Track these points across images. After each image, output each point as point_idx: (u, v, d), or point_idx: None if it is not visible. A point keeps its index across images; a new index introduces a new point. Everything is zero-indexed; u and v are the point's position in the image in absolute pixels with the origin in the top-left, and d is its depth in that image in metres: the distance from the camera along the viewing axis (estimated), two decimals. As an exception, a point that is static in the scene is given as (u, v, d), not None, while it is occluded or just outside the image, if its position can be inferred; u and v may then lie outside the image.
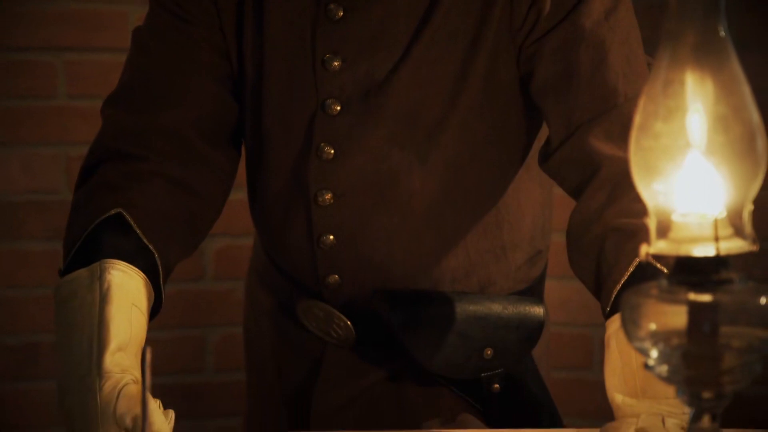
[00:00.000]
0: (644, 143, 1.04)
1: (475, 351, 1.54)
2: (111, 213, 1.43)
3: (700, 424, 1.06)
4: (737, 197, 1.03)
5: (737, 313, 1.03)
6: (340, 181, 1.52)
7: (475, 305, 1.54)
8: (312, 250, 1.55)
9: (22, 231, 2.94)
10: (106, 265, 1.37)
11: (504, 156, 1.56)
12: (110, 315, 1.32)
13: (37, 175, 2.93)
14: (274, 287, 1.64)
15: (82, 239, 1.41)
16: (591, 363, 2.95)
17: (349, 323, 1.56)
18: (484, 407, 1.58)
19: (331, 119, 1.50)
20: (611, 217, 1.40)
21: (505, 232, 1.58)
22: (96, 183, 1.48)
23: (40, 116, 2.93)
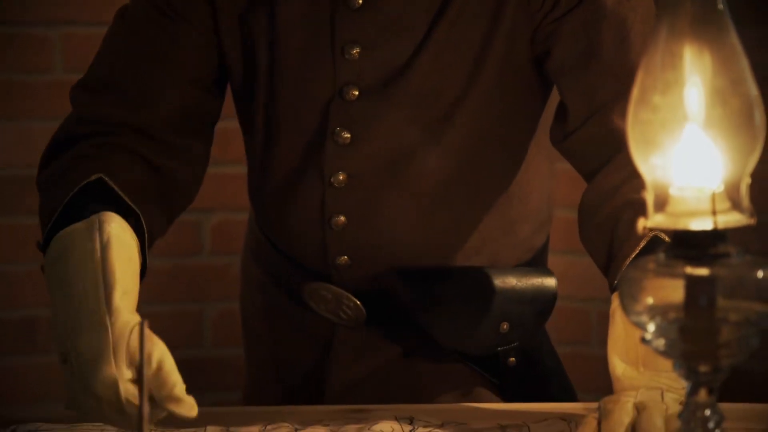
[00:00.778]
0: (642, 116, 1.04)
1: (492, 326, 1.55)
2: (92, 179, 1.42)
3: (696, 398, 1.06)
4: (735, 171, 1.03)
5: (734, 286, 1.03)
6: (356, 163, 1.52)
7: (491, 279, 1.55)
8: (322, 231, 1.55)
9: (19, 206, 2.94)
10: (105, 218, 1.35)
11: (516, 134, 1.56)
12: (113, 260, 1.30)
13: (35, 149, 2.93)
14: (276, 273, 1.63)
15: (63, 205, 1.40)
16: (589, 337, 2.95)
17: (359, 303, 1.57)
18: (499, 381, 1.58)
19: (349, 104, 1.50)
20: (628, 192, 1.40)
21: (514, 207, 1.58)
22: (71, 156, 1.47)
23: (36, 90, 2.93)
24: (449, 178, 1.53)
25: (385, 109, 1.51)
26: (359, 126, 1.51)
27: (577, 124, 1.49)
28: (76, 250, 1.33)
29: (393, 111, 1.51)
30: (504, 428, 1.35)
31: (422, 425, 1.36)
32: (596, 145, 1.48)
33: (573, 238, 2.15)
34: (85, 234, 1.34)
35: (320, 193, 1.54)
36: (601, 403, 1.30)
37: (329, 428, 1.35)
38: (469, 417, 1.39)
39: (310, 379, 1.61)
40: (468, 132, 1.52)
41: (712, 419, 1.06)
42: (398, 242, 1.55)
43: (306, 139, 1.54)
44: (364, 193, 1.53)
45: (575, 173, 1.70)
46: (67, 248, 1.34)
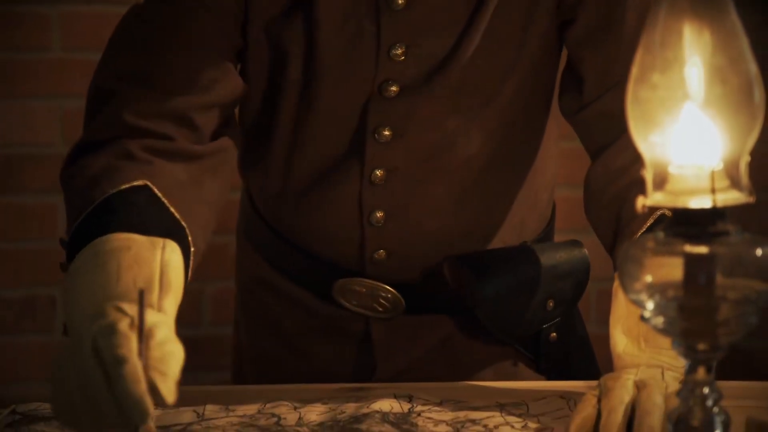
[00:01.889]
0: (641, 95, 1.04)
1: (540, 305, 1.55)
2: (137, 184, 1.35)
3: (695, 376, 1.06)
4: (734, 149, 1.03)
5: (733, 264, 1.03)
6: (395, 159, 1.51)
7: (537, 259, 1.54)
8: (361, 229, 1.54)
9: (18, 184, 2.94)
10: (169, 243, 1.27)
11: (542, 109, 1.56)
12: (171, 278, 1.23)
13: (33, 128, 2.93)
14: (299, 274, 1.60)
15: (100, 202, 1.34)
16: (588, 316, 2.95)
17: (396, 293, 1.56)
18: (536, 357, 1.59)
19: (389, 102, 1.49)
20: (636, 172, 1.40)
21: (538, 178, 1.59)
22: (116, 152, 1.40)
23: (34, 69, 2.92)
24: (486, 162, 1.53)
25: (426, 103, 1.49)
26: (400, 122, 1.50)
27: (593, 97, 1.49)
28: (132, 252, 1.25)
29: (434, 104, 1.50)
30: (503, 406, 1.35)
31: (421, 403, 1.36)
32: (609, 119, 1.47)
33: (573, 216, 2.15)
34: (147, 245, 1.26)
35: (357, 191, 1.53)
36: (601, 381, 1.31)
37: (328, 406, 1.36)
38: (468, 395, 1.39)
39: (352, 375, 1.59)
40: (506, 114, 1.52)
41: (711, 397, 1.06)
42: (436, 230, 1.55)
43: (343, 140, 1.52)
44: (403, 186, 1.52)
45: (577, 151, 1.70)
46: (120, 250, 1.25)
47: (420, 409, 1.34)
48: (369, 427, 1.27)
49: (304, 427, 1.30)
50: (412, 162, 1.52)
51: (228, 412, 1.33)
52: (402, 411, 1.34)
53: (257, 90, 1.53)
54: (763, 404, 1.34)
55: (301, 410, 1.35)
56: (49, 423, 1.32)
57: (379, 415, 1.31)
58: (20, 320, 2.96)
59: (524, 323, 1.56)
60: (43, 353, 2.97)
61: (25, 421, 1.33)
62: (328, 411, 1.34)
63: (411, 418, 1.31)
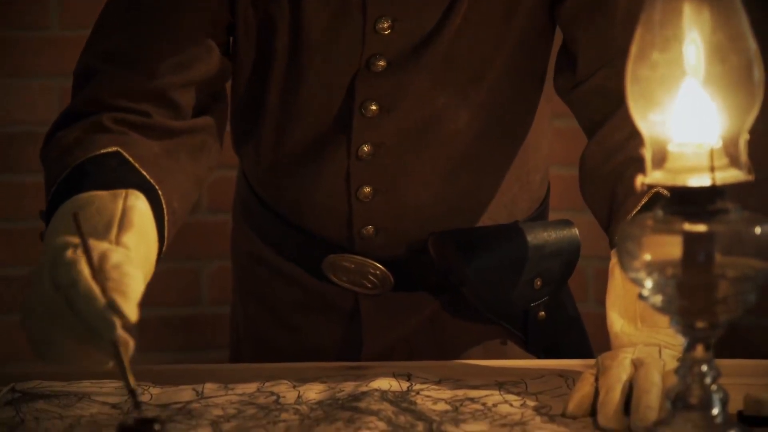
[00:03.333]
0: (641, 73, 1.04)
1: (528, 283, 1.56)
2: (110, 149, 1.38)
3: (693, 354, 1.06)
4: (733, 127, 1.03)
5: (732, 243, 1.03)
6: (383, 134, 1.51)
7: (524, 237, 1.54)
8: (348, 204, 1.54)
9: (17, 163, 2.94)
10: (132, 192, 1.30)
11: (533, 85, 1.56)
12: (133, 220, 1.26)
13: (31, 107, 2.93)
14: (289, 249, 1.61)
15: (72, 169, 1.36)
16: (585, 296, 2.96)
17: (385, 270, 1.56)
18: (525, 335, 1.59)
19: (376, 76, 1.49)
20: (633, 148, 1.40)
21: (530, 158, 1.58)
22: (88, 125, 1.43)
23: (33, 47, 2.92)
24: (475, 138, 1.53)
25: (413, 77, 1.49)
26: (387, 97, 1.50)
27: (586, 75, 1.49)
28: (94, 206, 1.28)
29: (422, 78, 1.50)
30: (501, 385, 1.35)
31: (420, 382, 1.36)
32: (604, 96, 1.47)
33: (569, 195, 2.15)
34: (107, 198, 1.29)
35: (345, 166, 1.53)
36: (598, 360, 1.31)
37: (327, 385, 1.36)
38: (466, 374, 1.40)
39: (340, 351, 1.60)
40: (494, 90, 1.51)
41: (709, 375, 1.07)
42: (424, 206, 1.55)
43: (330, 114, 1.52)
44: (390, 161, 1.52)
45: (572, 131, 1.70)
46: (83, 207, 1.28)
47: (419, 387, 1.35)
48: (368, 406, 1.27)
49: (302, 405, 1.30)
50: (400, 138, 1.52)
51: (227, 391, 1.33)
52: (401, 389, 1.34)
53: (247, 65, 1.53)
54: (761, 382, 1.34)
55: (300, 389, 1.35)
56: (49, 401, 1.32)
57: (378, 393, 1.32)
58: (20, 298, 2.96)
59: (511, 302, 1.56)
60: (42, 332, 2.97)
61: (24, 399, 1.33)
62: (327, 389, 1.34)
63: (410, 397, 1.32)
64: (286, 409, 1.29)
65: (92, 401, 1.33)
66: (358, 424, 1.22)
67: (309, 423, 1.25)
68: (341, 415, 1.26)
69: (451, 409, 1.29)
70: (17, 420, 1.28)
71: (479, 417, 1.26)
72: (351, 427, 1.22)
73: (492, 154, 1.56)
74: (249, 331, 1.69)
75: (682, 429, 1.06)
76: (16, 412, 1.30)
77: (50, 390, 1.35)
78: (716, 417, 1.06)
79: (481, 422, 1.24)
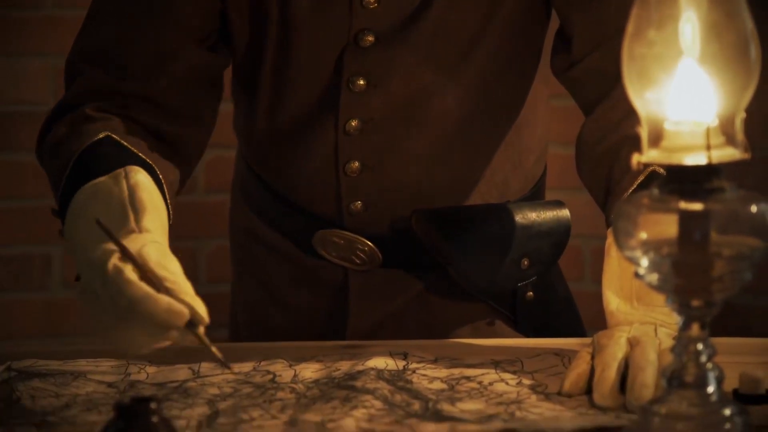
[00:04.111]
0: (637, 51, 1.04)
1: (514, 263, 1.56)
2: (100, 136, 1.41)
3: (689, 332, 1.06)
4: (730, 105, 1.03)
5: (728, 221, 1.03)
6: (370, 109, 1.51)
7: (512, 216, 1.55)
8: (336, 178, 1.54)
9: (11, 142, 2.94)
10: (130, 169, 1.34)
11: (526, 66, 1.56)
12: (143, 196, 1.30)
13: (25, 86, 2.92)
14: (282, 223, 1.62)
15: (73, 164, 1.39)
16: (582, 274, 2.96)
17: (373, 246, 1.56)
18: (514, 315, 1.59)
19: (364, 51, 1.49)
20: (629, 127, 1.40)
21: (524, 138, 1.58)
22: (73, 119, 1.45)
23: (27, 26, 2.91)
24: (464, 117, 1.53)
25: (401, 54, 1.50)
26: (375, 72, 1.50)
27: (582, 54, 1.49)
28: (100, 195, 1.32)
29: (410, 54, 1.50)
30: (497, 363, 1.35)
31: (416, 361, 1.36)
32: (600, 76, 1.47)
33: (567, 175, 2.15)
34: (110, 182, 1.33)
35: (333, 141, 1.53)
36: (594, 338, 1.31)
37: (323, 364, 1.36)
38: (463, 353, 1.40)
39: (327, 326, 1.60)
40: (484, 69, 1.51)
41: (704, 353, 1.07)
42: (413, 184, 1.55)
43: (319, 89, 1.52)
44: (379, 137, 1.53)
45: (570, 110, 1.70)
46: (89, 198, 1.33)
47: (415, 366, 1.35)
48: (364, 384, 1.28)
49: (299, 384, 1.30)
50: (388, 113, 1.52)
51: (223, 370, 1.33)
52: (397, 368, 1.34)
53: (242, 43, 1.54)
54: (756, 360, 1.34)
55: (296, 367, 1.35)
56: (45, 380, 1.32)
57: (374, 372, 1.32)
58: (16, 278, 2.97)
59: (496, 281, 1.56)
60: (39, 311, 2.98)
61: (20, 378, 1.33)
62: (323, 368, 1.34)
63: (406, 375, 1.32)
64: (282, 388, 1.29)
65: (88, 380, 1.33)
66: (354, 402, 1.23)
67: (305, 402, 1.25)
68: (337, 393, 1.26)
69: (447, 387, 1.29)
70: (13, 398, 1.28)
71: (475, 395, 1.26)
72: (347, 405, 1.22)
73: (482, 133, 1.56)
74: (246, 310, 1.70)
75: (677, 407, 1.06)
76: (12, 390, 1.30)
77: (46, 369, 1.35)
78: (711, 395, 1.06)
79: (477, 400, 1.25)
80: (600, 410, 1.22)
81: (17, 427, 1.20)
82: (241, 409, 1.23)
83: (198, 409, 1.24)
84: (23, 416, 1.23)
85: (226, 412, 1.23)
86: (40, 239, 2.94)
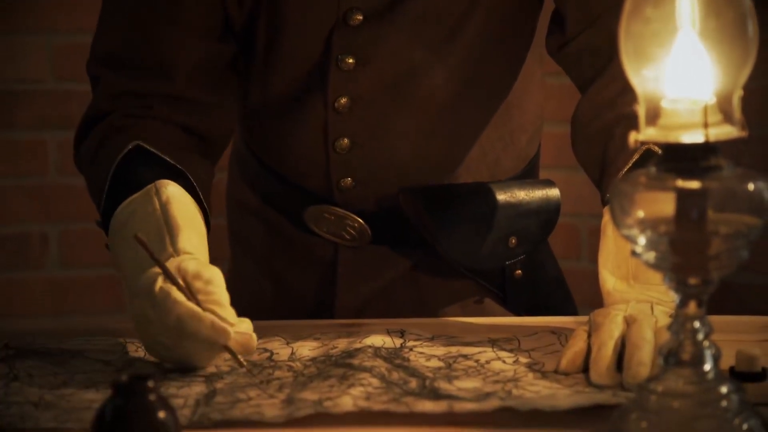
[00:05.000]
0: (634, 28, 1.04)
1: (501, 241, 1.56)
2: (130, 147, 1.45)
3: (686, 310, 1.07)
4: (727, 83, 1.03)
5: (725, 199, 1.03)
6: (359, 87, 1.52)
7: (502, 194, 1.55)
8: (326, 155, 1.55)
9: (8, 120, 2.93)
10: (161, 183, 1.39)
11: (516, 46, 1.56)
12: (175, 213, 1.35)
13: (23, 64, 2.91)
14: (274, 197, 1.63)
15: (109, 181, 1.43)
16: (579, 253, 2.96)
17: (363, 223, 1.57)
18: (504, 293, 1.59)
19: (352, 30, 1.49)
20: (624, 105, 1.40)
21: (514, 118, 1.58)
22: (103, 130, 1.49)
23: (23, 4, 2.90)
24: (453, 96, 1.53)
25: (389, 32, 1.50)
26: (363, 51, 1.51)
27: (574, 33, 1.49)
28: (137, 215, 1.37)
29: (397, 33, 1.50)
30: (494, 342, 1.35)
31: (413, 339, 1.36)
32: (593, 53, 1.47)
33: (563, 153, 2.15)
34: (144, 199, 1.37)
35: (323, 118, 1.54)
36: (591, 317, 1.31)
37: (321, 342, 1.36)
38: (460, 331, 1.40)
39: (316, 301, 1.61)
40: (472, 49, 1.52)
41: (701, 331, 1.07)
42: (402, 162, 1.55)
43: (308, 66, 1.53)
44: (368, 115, 1.53)
45: (566, 88, 1.70)
46: (129, 217, 1.37)
47: (412, 344, 1.35)
48: (361, 362, 1.28)
49: (296, 362, 1.31)
50: (377, 92, 1.52)
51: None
52: (394, 346, 1.34)
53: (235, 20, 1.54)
54: (752, 338, 1.35)
55: (293, 345, 1.35)
56: (43, 358, 1.32)
57: (372, 350, 1.32)
58: (13, 257, 2.97)
59: (482, 258, 1.57)
60: (36, 289, 2.98)
61: (18, 356, 1.33)
62: (321, 346, 1.35)
63: (403, 353, 1.32)
64: (280, 367, 1.29)
65: (86, 358, 1.33)
66: (352, 380, 1.23)
67: (302, 380, 1.25)
68: (334, 371, 1.26)
69: (444, 365, 1.29)
70: (11, 377, 1.28)
71: (472, 373, 1.26)
72: (344, 383, 1.22)
73: (471, 112, 1.56)
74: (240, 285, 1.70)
75: (673, 385, 1.07)
76: (9, 369, 1.30)
77: (43, 347, 1.35)
78: (708, 373, 1.06)
79: (473, 379, 1.25)
80: (596, 388, 1.22)
81: (15, 405, 1.20)
82: (239, 388, 1.23)
83: (195, 387, 1.24)
84: (21, 394, 1.23)
85: (223, 390, 1.23)
86: (36, 218, 2.94)
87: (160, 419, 1.05)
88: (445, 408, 1.17)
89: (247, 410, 1.17)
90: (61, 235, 2.94)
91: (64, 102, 2.89)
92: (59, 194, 2.91)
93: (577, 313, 1.64)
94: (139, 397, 1.05)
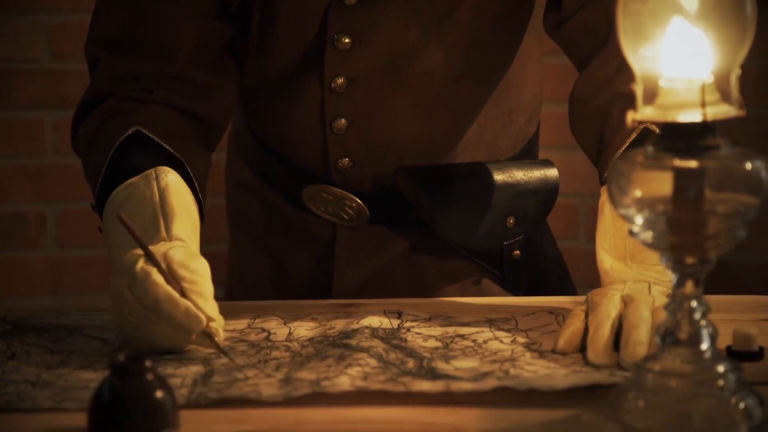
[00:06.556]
0: (631, 7, 1.03)
1: (498, 221, 1.56)
2: (130, 132, 1.44)
3: (683, 290, 1.07)
4: (725, 62, 1.03)
5: (723, 178, 1.03)
6: (356, 67, 1.52)
7: (499, 174, 1.55)
8: (323, 135, 1.55)
9: (4, 100, 2.93)
10: (161, 170, 1.39)
11: (513, 25, 1.56)
12: (172, 201, 1.35)
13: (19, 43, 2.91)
14: (273, 177, 1.63)
15: (107, 165, 1.42)
16: (576, 232, 2.97)
17: (361, 203, 1.57)
18: (502, 273, 1.59)
19: (348, 9, 1.49)
20: (621, 84, 1.40)
21: (512, 97, 1.58)
22: (102, 114, 1.48)
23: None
24: (450, 75, 1.53)
25: (385, 12, 1.50)
26: (359, 30, 1.50)
27: (571, 11, 1.49)
28: (134, 198, 1.36)
29: (393, 12, 1.50)
30: (492, 322, 1.35)
31: (410, 319, 1.36)
32: (590, 31, 1.47)
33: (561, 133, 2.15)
34: (142, 184, 1.37)
35: (319, 98, 1.54)
36: (588, 297, 1.31)
37: (318, 322, 1.36)
38: (457, 311, 1.40)
39: (314, 281, 1.61)
40: (468, 28, 1.51)
41: (698, 310, 1.07)
42: (400, 141, 1.55)
43: (304, 46, 1.53)
44: (365, 95, 1.53)
45: (564, 67, 1.69)
46: (125, 200, 1.37)
47: (409, 324, 1.35)
48: (358, 343, 1.28)
49: (293, 342, 1.31)
50: (374, 71, 1.52)
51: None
52: (391, 326, 1.34)
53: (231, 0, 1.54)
54: (749, 317, 1.35)
55: (291, 325, 1.35)
56: (40, 335, 1.33)
57: (369, 330, 1.32)
58: (10, 236, 2.97)
59: (479, 238, 1.57)
60: (33, 269, 2.98)
61: (15, 332, 1.33)
62: (318, 326, 1.35)
63: (400, 334, 1.32)
64: (277, 347, 1.29)
65: (83, 335, 1.33)
66: (349, 360, 1.23)
67: (300, 360, 1.25)
68: (332, 352, 1.26)
69: (442, 345, 1.29)
70: (8, 354, 1.28)
71: (469, 353, 1.27)
72: (342, 363, 1.22)
73: (468, 91, 1.56)
74: (238, 264, 1.70)
75: (671, 364, 1.07)
76: (7, 346, 1.30)
77: (40, 322, 1.35)
78: (705, 352, 1.07)
79: (471, 358, 1.25)
80: (594, 368, 1.22)
81: (12, 384, 1.20)
82: (236, 369, 1.23)
83: (193, 367, 1.24)
84: (18, 373, 1.23)
85: (220, 370, 1.23)
86: (33, 197, 2.94)
87: (158, 399, 1.05)
88: (443, 388, 1.17)
89: (245, 389, 1.17)
90: (59, 215, 2.94)
91: (61, 81, 2.88)
92: (56, 174, 2.91)
93: (575, 292, 1.64)
94: (137, 376, 1.05)
